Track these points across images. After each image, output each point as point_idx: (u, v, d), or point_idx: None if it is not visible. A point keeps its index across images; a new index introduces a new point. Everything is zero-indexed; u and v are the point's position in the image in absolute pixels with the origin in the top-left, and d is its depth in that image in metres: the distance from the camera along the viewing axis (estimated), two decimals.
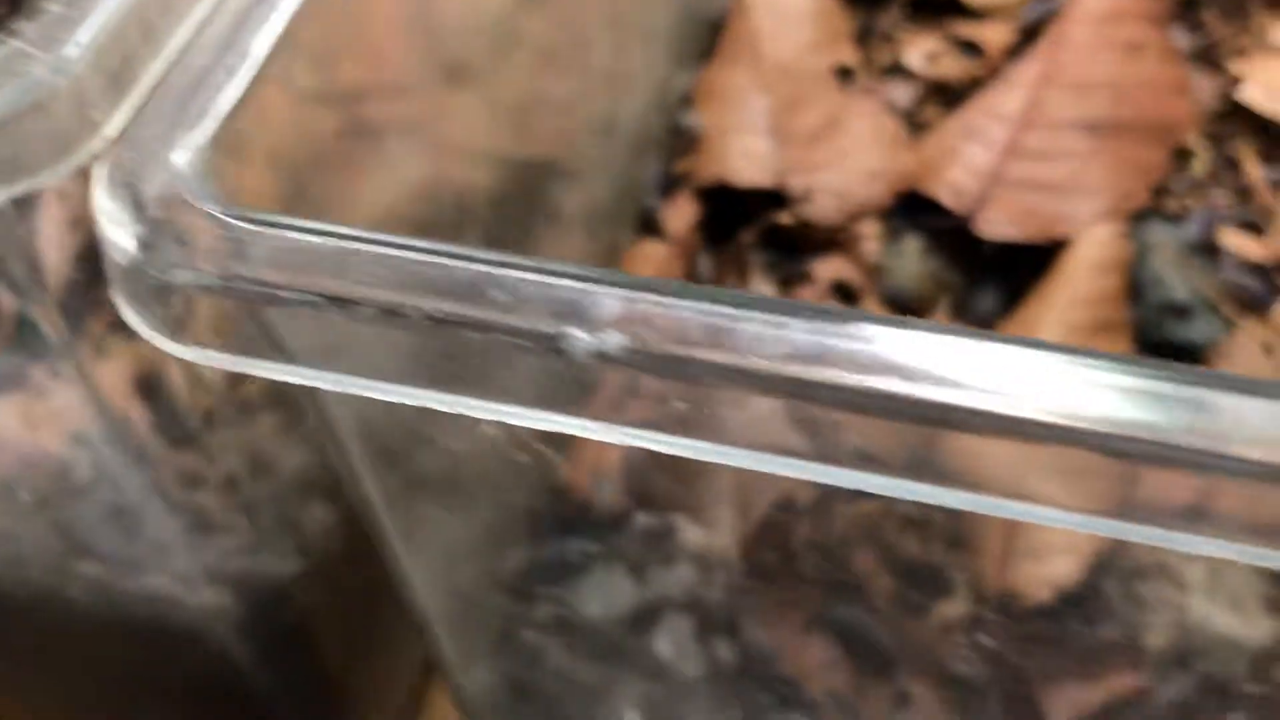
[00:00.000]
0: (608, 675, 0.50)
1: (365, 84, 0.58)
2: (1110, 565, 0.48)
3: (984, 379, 0.23)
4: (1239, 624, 0.49)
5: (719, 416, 0.25)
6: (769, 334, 0.24)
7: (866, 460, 0.25)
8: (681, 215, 0.62)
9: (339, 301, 0.27)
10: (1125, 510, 0.23)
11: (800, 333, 0.25)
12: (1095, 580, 0.48)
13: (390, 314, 0.27)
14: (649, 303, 0.23)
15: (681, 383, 0.24)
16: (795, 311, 0.25)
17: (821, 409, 0.24)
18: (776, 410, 0.25)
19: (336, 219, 0.50)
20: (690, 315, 0.25)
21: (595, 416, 0.25)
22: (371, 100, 0.58)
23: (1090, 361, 0.23)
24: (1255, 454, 0.21)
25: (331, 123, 0.57)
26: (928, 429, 0.23)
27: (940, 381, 0.23)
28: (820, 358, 0.24)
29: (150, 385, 0.47)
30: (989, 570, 0.48)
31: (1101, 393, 0.22)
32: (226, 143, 0.31)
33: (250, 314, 0.28)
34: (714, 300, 0.25)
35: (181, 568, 0.47)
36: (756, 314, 0.25)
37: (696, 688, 0.49)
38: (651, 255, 0.60)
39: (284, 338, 0.29)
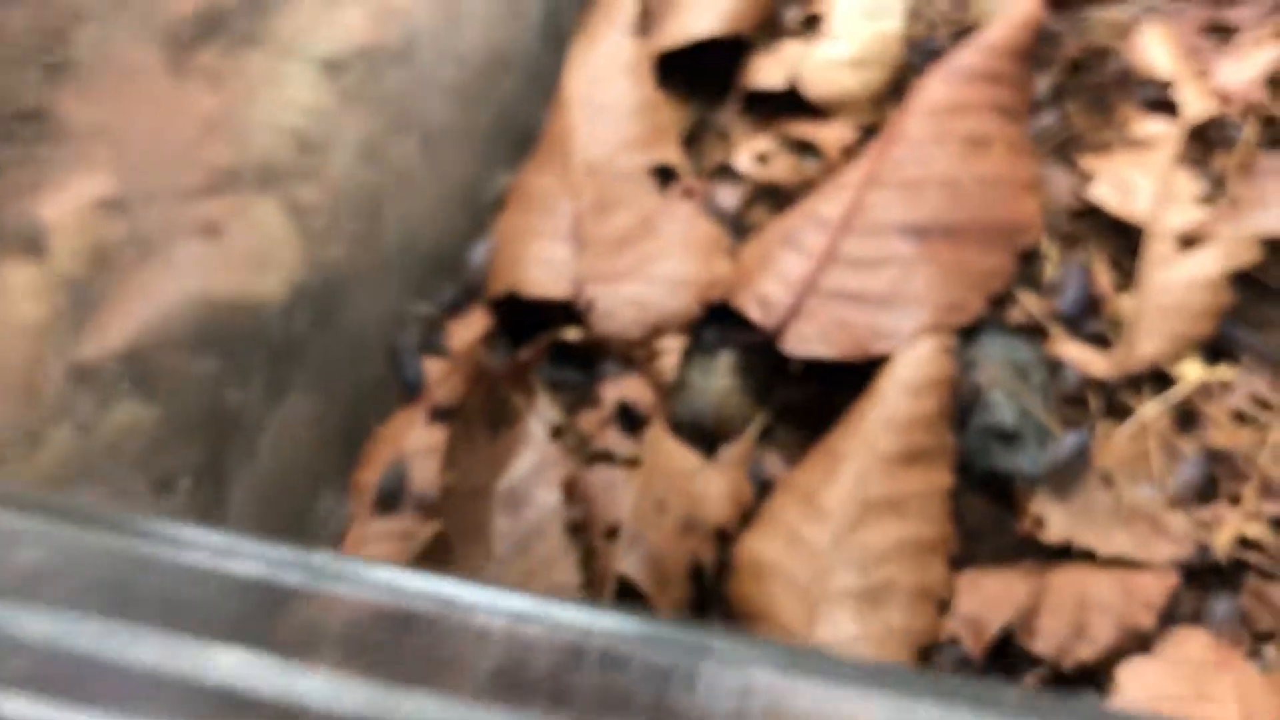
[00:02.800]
0: None
1: (158, 188, 0.53)
2: None
3: None
4: None
5: None
6: None
7: None
8: (469, 329, 0.57)
9: None
10: None
11: None
12: None
13: None
14: None
15: None
16: None
17: None
18: None
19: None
20: None
21: None
22: (161, 206, 0.53)
23: None
24: None
25: (120, 230, 0.52)
26: None
27: None
28: None
29: None
30: None
31: None
32: None
33: None
34: None
35: None
36: None
37: None
38: (433, 371, 0.55)
39: None
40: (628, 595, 0.47)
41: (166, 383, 0.51)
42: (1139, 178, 0.59)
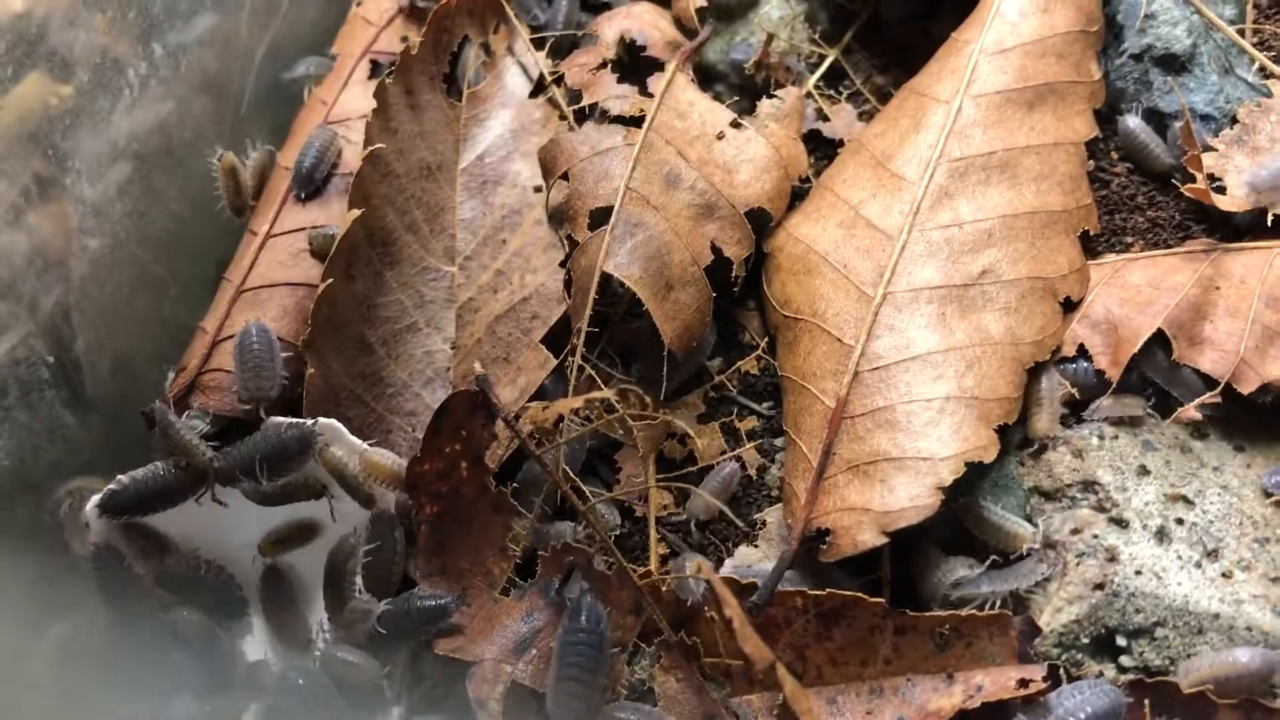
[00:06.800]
0: None
1: None
2: None
3: None
4: None
5: None
6: None
7: None
8: None
9: None
10: None
11: None
12: None
13: None
14: None
15: None
16: None
17: None
18: None
19: None
20: None
21: None
22: None
23: None
24: None
25: None
26: None
27: None
28: None
29: None
30: None
31: None
32: None
33: None
34: None
35: None
36: None
37: None
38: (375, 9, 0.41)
39: None
40: (616, 302, 0.35)
41: None
42: None
